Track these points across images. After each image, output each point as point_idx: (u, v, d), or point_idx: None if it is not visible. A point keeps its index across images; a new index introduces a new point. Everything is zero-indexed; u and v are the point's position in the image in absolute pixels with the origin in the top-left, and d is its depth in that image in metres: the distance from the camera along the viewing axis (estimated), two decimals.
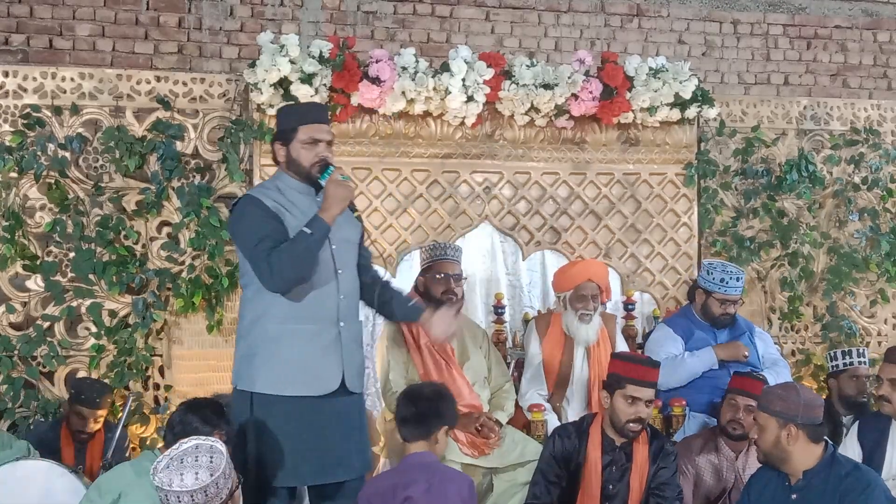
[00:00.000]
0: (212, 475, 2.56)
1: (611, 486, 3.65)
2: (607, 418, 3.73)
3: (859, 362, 4.82)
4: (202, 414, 3.12)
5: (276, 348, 3.21)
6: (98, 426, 4.15)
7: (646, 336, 4.99)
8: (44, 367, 4.47)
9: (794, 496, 3.26)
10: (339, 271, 3.30)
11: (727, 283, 4.56)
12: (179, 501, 2.54)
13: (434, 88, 4.59)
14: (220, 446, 2.65)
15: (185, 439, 2.68)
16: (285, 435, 3.19)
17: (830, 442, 3.35)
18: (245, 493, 3.09)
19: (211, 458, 2.60)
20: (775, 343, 5.05)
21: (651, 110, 4.91)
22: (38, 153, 4.45)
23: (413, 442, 3.25)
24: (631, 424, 3.64)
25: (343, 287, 3.30)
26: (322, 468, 3.25)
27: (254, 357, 3.24)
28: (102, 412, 4.16)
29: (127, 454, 4.27)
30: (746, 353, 4.48)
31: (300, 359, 3.21)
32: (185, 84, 4.66)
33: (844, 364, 4.83)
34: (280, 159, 3.35)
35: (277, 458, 3.19)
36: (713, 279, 4.58)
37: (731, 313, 4.61)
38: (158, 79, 4.65)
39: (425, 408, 3.26)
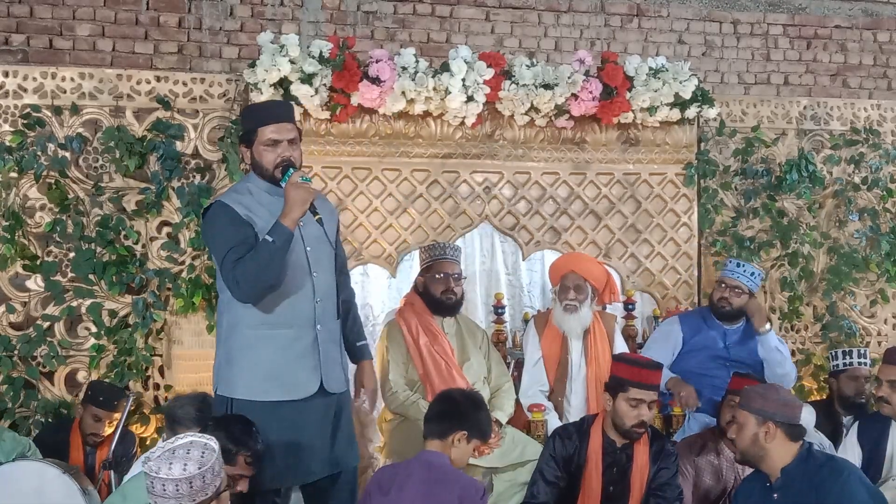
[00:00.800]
0: (199, 468, 2.60)
1: (611, 487, 3.65)
2: (608, 419, 3.72)
3: (860, 363, 4.81)
4: (230, 432, 3.07)
5: (253, 354, 3.19)
6: (111, 429, 4.14)
7: (647, 336, 5.03)
8: (44, 367, 4.47)
9: (775, 495, 3.29)
10: (315, 274, 3.26)
11: (726, 266, 4.70)
12: (164, 489, 2.58)
13: (434, 88, 4.59)
14: (214, 444, 2.68)
15: (182, 434, 2.74)
16: (266, 439, 3.17)
17: (808, 441, 3.36)
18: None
19: (202, 452, 2.64)
20: None
21: (651, 110, 4.91)
22: (38, 153, 4.45)
23: (430, 440, 3.23)
24: (635, 428, 3.64)
25: (319, 289, 3.27)
26: (304, 468, 3.25)
27: (232, 363, 3.23)
28: (118, 415, 4.13)
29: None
30: (689, 404, 4.37)
31: (278, 364, 3.19)
32: (185, 84, 4.66)
33: (845, 364, 4.82)
34: (247, 161, 3.32)
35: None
36: (720, 268, 4.76)
37: (729, 300, 4.60)
38: (158, 79, 4.65)
39: (447, 407, 3.26)
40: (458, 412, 3.23)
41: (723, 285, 4.64)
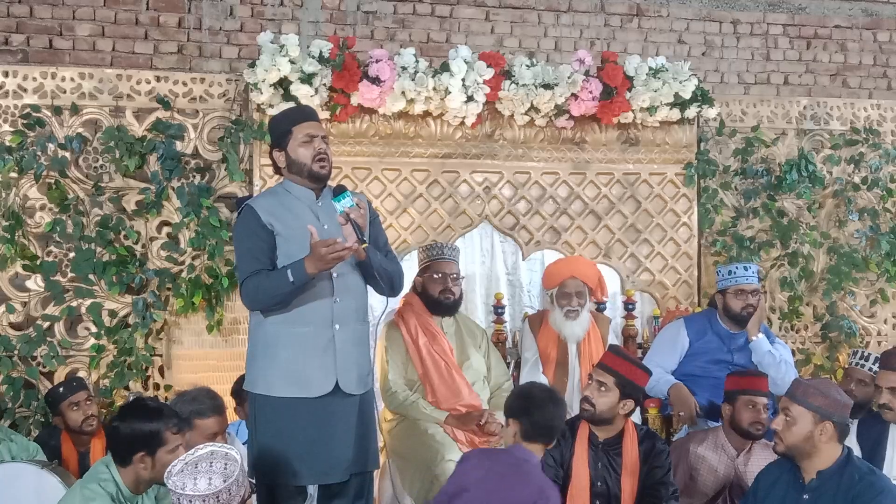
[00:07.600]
0: (225, 481, 2.61)
1: (599, 483, 3.65)
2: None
3: (859, 364, 4.78)
4: (197, 399, 3.19)
5: (273, 350, 3.27)
6: (92, 412, 4.11)
7: (647, 336, 5.04)
8: (44, 367, 4.46)
9: (805, 496, 3.22)
10: (335, 275, 3.30)
11: (735, 273, 4.53)
12: None
13: (434, 88, 4.59)
14: (235, 454, 2.70)
15: (200, 445, 2.74)
16: (282, 435, 3.23)
17: (847, 447, 3.30)
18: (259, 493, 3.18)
19: (225, 464, 2.65)
20: None
21: (651, 110, 4.92)
22: (38, 153, 4.45)
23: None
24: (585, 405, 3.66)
25: (339, 290, 3.31)
26: (318, 469, 3.27)
27: (255, 359, 3.32)
28: (85, 393, 4.11)
29: None
30: (687, 419, 4.36)
31: (294, 361, 3.25)
32: (184, 84, 4.66)
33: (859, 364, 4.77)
34: (281, 165, 3.39)
35: (276, 458, 3.22)
36: (722, 277, 4.57)
37: (753, 305, 4.50)
38: (158, 79, 4.65)
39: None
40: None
41: (743, 293, 4.49)
